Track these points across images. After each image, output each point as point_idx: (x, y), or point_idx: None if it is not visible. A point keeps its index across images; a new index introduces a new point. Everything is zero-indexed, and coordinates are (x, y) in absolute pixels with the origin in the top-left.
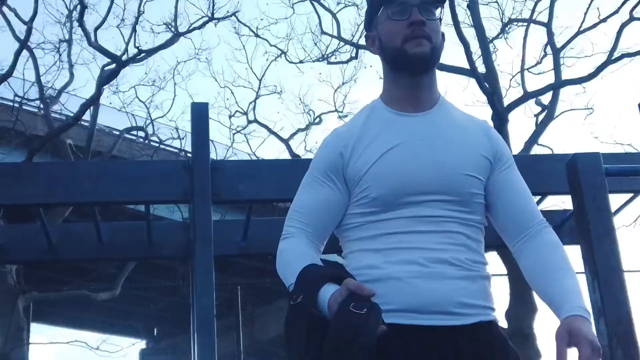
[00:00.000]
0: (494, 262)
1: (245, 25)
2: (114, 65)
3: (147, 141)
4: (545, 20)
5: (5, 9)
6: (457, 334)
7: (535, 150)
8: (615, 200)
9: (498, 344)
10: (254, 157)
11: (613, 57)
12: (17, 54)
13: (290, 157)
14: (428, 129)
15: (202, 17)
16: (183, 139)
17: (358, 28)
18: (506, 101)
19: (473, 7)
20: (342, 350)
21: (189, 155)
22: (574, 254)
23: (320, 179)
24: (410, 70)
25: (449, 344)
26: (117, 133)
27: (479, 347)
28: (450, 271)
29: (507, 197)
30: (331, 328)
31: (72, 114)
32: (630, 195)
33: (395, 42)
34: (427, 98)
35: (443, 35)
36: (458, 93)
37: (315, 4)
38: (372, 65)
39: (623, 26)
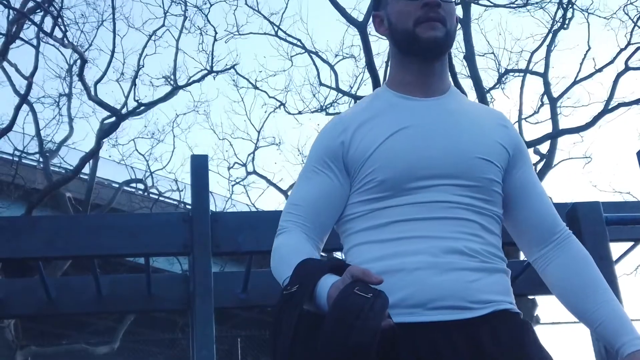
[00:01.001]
0: None
1: (244, 77)
2: (113, 119)
3: (146, 193)
4: (542, 70)
5: (5, 64)
6: (472, 326)
7: None
8: (615, 248)
9: (525, 328)
10: (253, 209)
11: (610, 106)
12: (17, 109)
13: None
14: (439, 113)
15: (201, 70)
16: (182, 191)
17: (356, 80)
18: None
19: (470, 58)
20: (341, 334)
21: (188, 207)
22: None
23: (317, 168)
24: (421, 55)
25: (464, 338)
26: (116, 186)
27: (503, 334)
28: (463, 262)
29: (529, 198)
30: (330, 309)
31: (71, 167)
32: (631, 243)
33: (406, 24)
34: (437, 85)
35: (457, 19)
36: None
37: (314, 56)
38: None
39: (619, 76)
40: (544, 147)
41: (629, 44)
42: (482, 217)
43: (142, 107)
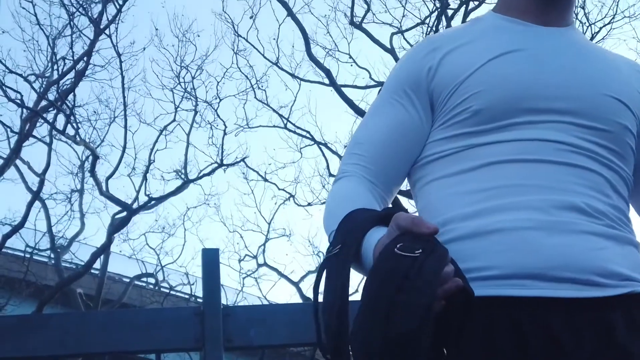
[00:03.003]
0: None
1: (253, 170)
2: (124, 214)
3: (157, 288)
4: None
5: (18, 161)
6: (603, 309)
7: None
8: None
9: None
10: (264, 301)
11: None
12: (29, 205)
13: (301, 300)
14: (559, 40)
15: (212, 163)
16: (193, 284)
17: None
18: None
19: None
20: (377, 319)
21: (200, 300)
22: None
23: (393, 98)
24: None
25: (591, 324)
26: (127, 280)
27: None
28: (584, 223)
29: None
30: (365, 282)
31: (82, 263)
32: None
33: None
34: (559, 16)
35: None
36: None
37: (323, 147)
38: None
39: None
40: None
41: None
42: (609, 171)
43: (153, 202)
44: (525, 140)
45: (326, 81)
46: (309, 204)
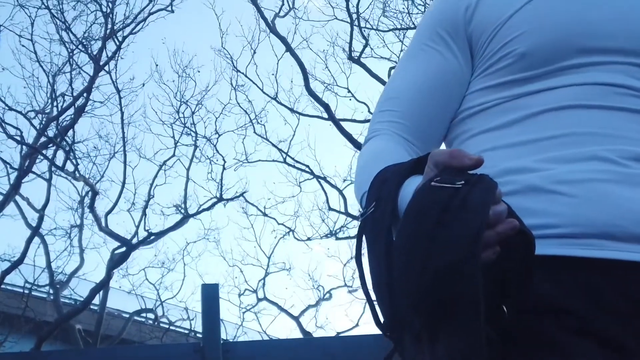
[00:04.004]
0: None
1: (253, 205)
2: (124, 249)
3: (156, 323)
4: None
5: (18, 197)
6: None
7: None
8: None
9: None
10: (264, 336)
11: None
12: (29, 241)
13: (301, 335)
14: None
15: (211, 198)
16: (193, 319)
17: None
18: None
19: None
20: (417, 255)
21: (199, 335)
22: None
23: (426, 45)
24: None
25: None
26: (127, 316)
27: None
28: None
29: None
30: (399, 226)
31: (81, 299)
32: None
33: None
34: None
35: None
36: None
37: (322, 181)
38: None
39: None
40: None
41: None
42: None
43: (152, 237)
44: (581, 85)
45: (325, 115)
46: (309, 239)
